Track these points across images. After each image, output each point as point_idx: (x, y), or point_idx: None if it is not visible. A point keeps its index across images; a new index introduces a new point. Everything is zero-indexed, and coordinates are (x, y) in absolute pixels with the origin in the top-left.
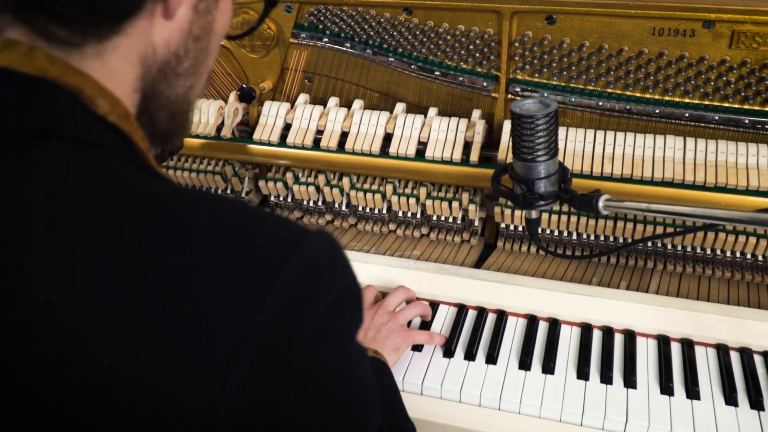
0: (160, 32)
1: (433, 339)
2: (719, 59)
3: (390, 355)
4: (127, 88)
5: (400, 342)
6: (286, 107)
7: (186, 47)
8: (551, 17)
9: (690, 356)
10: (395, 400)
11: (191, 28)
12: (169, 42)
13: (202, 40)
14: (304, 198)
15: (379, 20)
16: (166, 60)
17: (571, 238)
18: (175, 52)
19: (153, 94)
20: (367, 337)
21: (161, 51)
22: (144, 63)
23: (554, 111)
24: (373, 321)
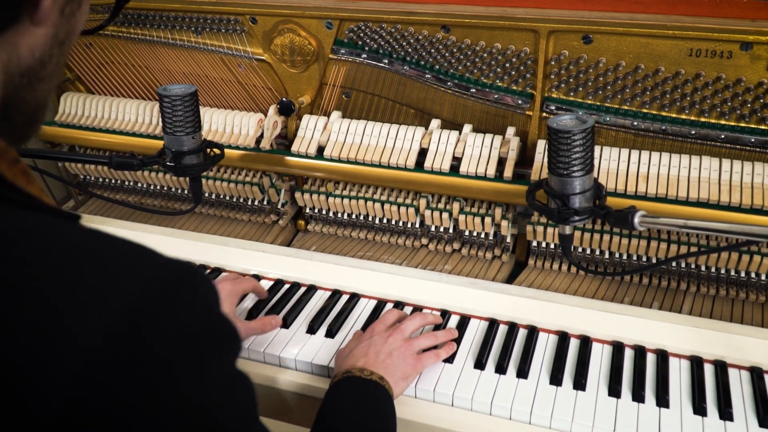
0: (26, 39)
1: (440, 357)
2: (756, 81)
3: (398, 383)
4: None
5: (410, 371)
6: (324, 121)
7: (50, 53)
8: (588, 37)
9: (723, 378)
10: (376, 423)
11: (57, 33)
12: (34, 48)
13: (66, 44)
14: (338, 210)
15: (417, 37)
16: (30, 66)
17: (604, 257)
18: (40, 59)
19: (14, 100)
20: (377, 361)
21: (25, 57)
22: (7, 70)
23: (591, 127)
24: (386, 344)
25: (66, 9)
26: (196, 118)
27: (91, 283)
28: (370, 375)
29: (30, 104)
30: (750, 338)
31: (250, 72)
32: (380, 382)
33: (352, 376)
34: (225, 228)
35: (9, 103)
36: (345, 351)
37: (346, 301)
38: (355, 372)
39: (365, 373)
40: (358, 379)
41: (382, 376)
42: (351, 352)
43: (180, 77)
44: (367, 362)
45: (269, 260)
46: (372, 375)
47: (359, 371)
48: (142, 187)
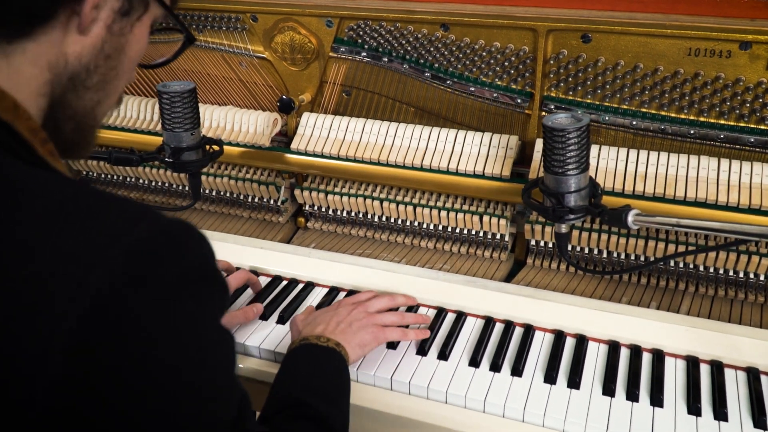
0: (72, 45)
1: (408, 336)
2: (756, 81)
3: (355, 350)
4: (32, 90)
5: (369, 339)
6: (323, 118)
7: (96, 63)
8: (587, 36)
9: (719, 378)
10: (333, 390)
11: (103, 47)
12: (81, 56)
13: (113, 59)
14: (338, 208)
15: (417, 36)
16: (76, 71)
17: (602, 256)
18: (86, 66)
19: (61, 103)
20: (337, 330)
21: (72, 62)
22: (53, 70)
23: (586, 125)
24: (349, 316)
25: (114, 26)
26: (194, 115)
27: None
28: (326, 342)
29: (77, 111)
30: (747, 339)
31: (251, 70)
32: (336, 348)
33: (308, 344)
34: (225, 224)
35: (57, 106)
36: (307, 317)
37: (343, 298)
38: (312, 339)
39: (321, 339)
40: (315, 346)
41: (339, 342)
42: (313, 319)
43: (182, 74)
44: (325, 329)
45: (268, 256)
46: (328, 342)
47: (316, 338)
48: (143, 184)
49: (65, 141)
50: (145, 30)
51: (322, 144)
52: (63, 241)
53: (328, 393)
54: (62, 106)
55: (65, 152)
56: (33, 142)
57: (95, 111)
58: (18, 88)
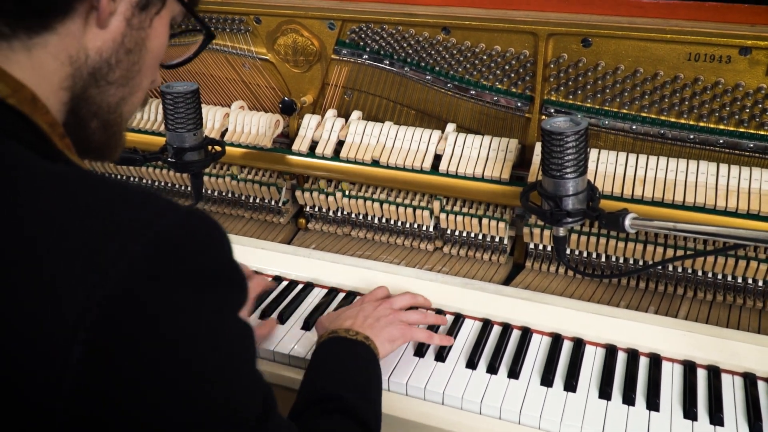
0: (92, 39)
1: (433, 339)
2: (755, 86)
3: (384, 345)
4: (53, 84)
5: (397, 335)
6: (317, 120)
7: (117, 57)
8: (587, 40)
9: (716, 383)
10: (365, 383)
11: (123, 41)
12: (102, 50)
13: (134, 53)
14: (338, 209)
15: (418, 39)
16: (98, 66)
17: (600, 260)
18: (107, 60)
19: (84, 98)
20: (365, 324)
21: (93, 56)
22: (74, 64)
23: (584, 129)
24: (375, 311)
25: (133, 20)
26: (197, 116)
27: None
28: (355, 335)
29: (101, 107)
30: (744, 344)
31: (254, 71)
32: (365, 342)
33: (337, 336)
34: (227, 225)
35: (79, 102)
36: (331, 315)
37: (343, 299)
38: (341, 332)
39: (350, 333)
40: (344, 339)
41: (367, 336)
42: (339, 316)
43: (185, 75)
44: (354, 324)
45: (268, 257)
46: (357, 335)
47: (345, 332)
48: (146, 183)
49: (92, 141)
50: (165, 26)
51: (324, 146)
52: (75, 238)
53: (360, 385)
54: (85, 101)
55: (93, 154)
56: (51, 135)
57: (120, 108)
58: (39, 82)
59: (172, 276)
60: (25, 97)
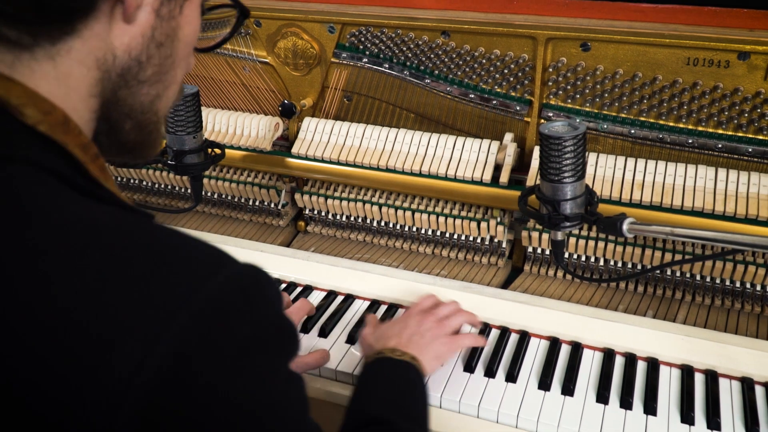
0: (119, 37)
1: (478, 341)
2: (754, 91)
3: (430, 362)
4: (83, 92)
5: (443, 351)
6: (324, 123)
7: (148, 53)
8: (586, 44)
9: (713, 387)
10: (413, 406)
11: (153, 34)
12: (130, 47)
13: (166, 46)
14: (337, 212)
15: (418, 43)
16: (127, 65)
17: (598, 264)
18: (137, 58)
19: (114, 101)
20: (411, 342)
21: (121, 56)
22: (102, 67)
23: (582, 133)
24: (420, 326)
25: (162, 9)
26: (197, 118)
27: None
28: (401, 355)
29: (134, 108)
30: (742, 349)
31: (254, 74)
32: (412, 362)
33: (384, 357)
34: (227, 227)
35: (110, 106)
36: (376, 330)
37: (341, 302)
38: (387, 353)
39: (397, 353)
40: (390, 359)
41: (414, 356)
42: (384, 332)
43: (186, 79)
44: (399, 342)
45: (267, 260)
46: (404, 355)
47: (390, 351)
48: (146, 185)
49: (127, 142)
50: (196, 10)
51: (323, 149)
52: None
53: (409, 409)
54: (116, 104)
55: (130, 155)
56: (85, 162)
57: (155, 106)
58: (68, 93)
59: (224, 339)
60: (56, 121)
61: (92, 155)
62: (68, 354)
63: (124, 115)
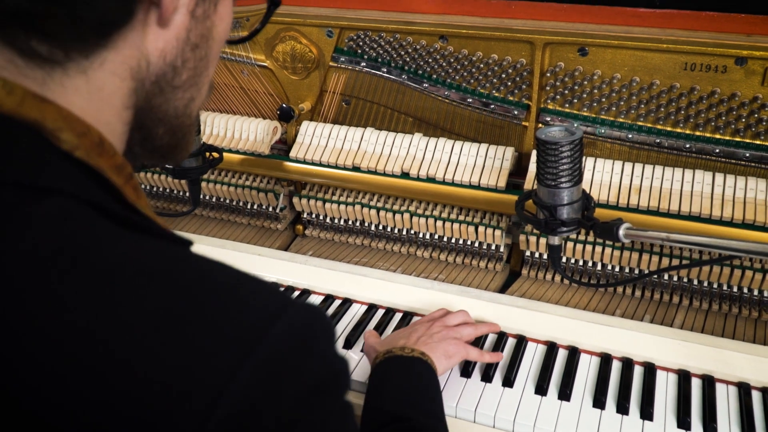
0: (154, 42)
1: (483, 357)
2: (751, 96)
3: (440, 360)
4: (117, 105)
5: (454, 350)
6: (322, 127)
7: (183, 57)
8: (583, 49)
9: (710, 392)
10: (428, 400)
11: (188, 36)
12: (165, 52)
13: (201, 48)
14: (335, 216)
15: (416, 47)
16: (162, 72)
17: (596, 268)
18: (172, 63)
19: (149, 109)
20: (419, 342)
21: (156, 62)
22: (136, 77)
23: (579, 139)
24: (428, 330)
25: (197, 10)
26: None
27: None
28: (411, 352)
29: (168, 114)
30: (739, 354)
31: (253, 78)
32: (422, 357)
33: (393, 356)
34: (225, 231)
35: (144, 114)
36: (382, 338)
37: (338, 306)
38: (396, 351)
39: (406, 350)
40: (400, 357)
41: (423, 352)
42: (391, 338)
43: None
44: (407, 342)
45: (265, 264)
46: (413, 352)
47: (400, 350)
48: (144, 189)
49: (159, 147)
50: (229, 6)
51: (321, 152)
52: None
53: (424, 404)
54: (150, 112)
55: (161, 159)
56: (121, 186)
57: (189, 109)
58: (101, 108)
59: (287, 389)
60: (92, 143)
61: (127, 175)
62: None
63: (158, 121)
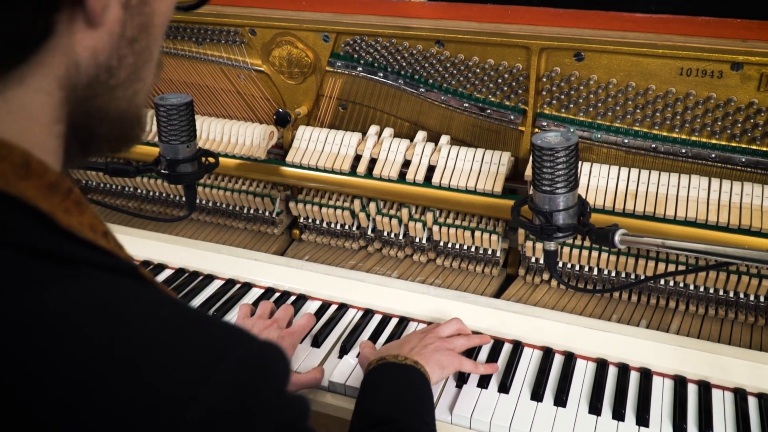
0: (82, 41)
1: (478, 369)
2: (747, 101)
3: (434, 370)
4: (45, 121)
5: (447, 361)
6: (319, 132)
7: (120, 54)
8: (579, 54)
9: (706, 398)
10: (419, 406)
11: (123, 31)
12: (96, 51)
13: (140, 40)
14: (331, 221)
15: (412, 52)
16: (95, 74)
17: (592, 273)
18: (105, 64)
19: (85, 114)
20: (413, 351)
21: (86, 64)
22: (65, 85)
23: (574, 144)
24: (421, 341)
25: (131, 1)
26: (191, 128)
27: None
28: (404, 360)
29: (109, 114)
30: (735, 359)
31: (249, 83)
32: (416, 366)
33: (386, 362)
34: (221, 235)
35: (80, 120)
36: (370, 350)
37: (334, 311)
38: (390, 358)
39: (399, 358)
40: (393, 364)
41: (417, 361)
42: (384, 348)
43: (181, 87)
44: (401, 351)
45: (261, 268)
46: (407, 360)
47: (394, 357)
48: (141, 194)
49: (106, 142)
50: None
51: (317, 157)
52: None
53: (414, 408)
54: (87, 116)
55: (113, 149)
56: (52, 211)
57: (133, 103)
58: (27, 127)
59: None
60: (13, 166)
61: (63, 193)
62: None
63: (98, 122)
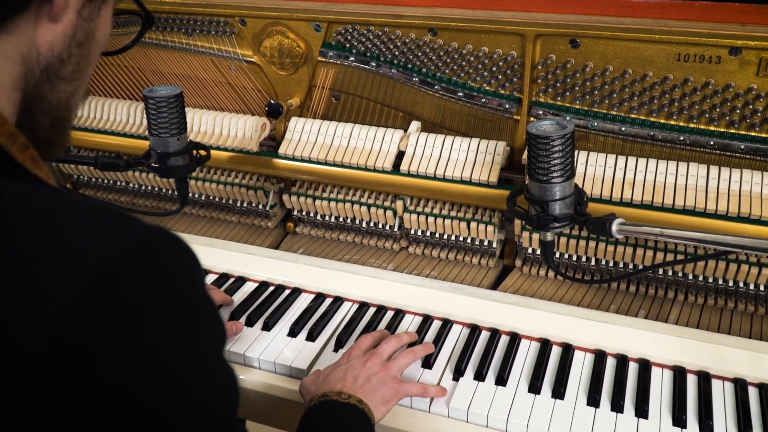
0: (44, 34)
1: (428, 392)
2: (746, 87)
3: (378, 407)
4: (5, 86)
5: (390, 395)
6: (311, 123)
7: (70, 51)
8: (575, 41)
9: (706, 389)
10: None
11: (75, 33)
12: (53, 44)
13: (85, 46)
14: (326, 213)
15: (405, 41)
16: (50, 62)
17: (590, 263)
18: (59, 56)
19: (36, 97)
20: (356, 385)
21: (45, 53)
22: (26, 63)
23: (570, 133)
24: (365, 369)
25: (84, 11)
26: (181, 120)
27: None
28: (347, 398)
29: (52, 104)
30: (735, 349)
31: (241, 74)
32: (359, 406)
33: (329, 400)
34: (215, 229)
35: (31, 100)
36: (318, 377)
37: (330, 304)
38: (333, 396)
39: (342, 396)
40: (335, 402)
41: (360, 399)
42: (327, 377)
43: (171, 78)
44: (344, 386)
45: (255, 262)
46: (350, 398)
47: (336, 395)
48: (133, 188)
49: (41, 138)
50: (110, 13)
51: (310, 149)
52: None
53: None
54: (37, 99)
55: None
56: (11, 149)
57: (70, 103)
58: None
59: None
60: None
61: (20, 145)
62: None
63: (44, 111)
